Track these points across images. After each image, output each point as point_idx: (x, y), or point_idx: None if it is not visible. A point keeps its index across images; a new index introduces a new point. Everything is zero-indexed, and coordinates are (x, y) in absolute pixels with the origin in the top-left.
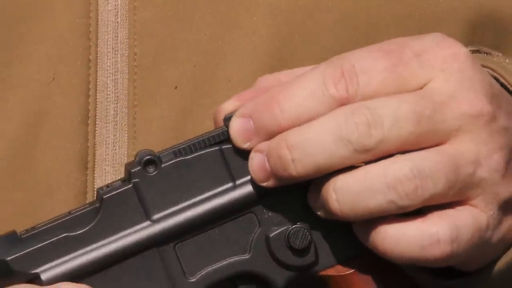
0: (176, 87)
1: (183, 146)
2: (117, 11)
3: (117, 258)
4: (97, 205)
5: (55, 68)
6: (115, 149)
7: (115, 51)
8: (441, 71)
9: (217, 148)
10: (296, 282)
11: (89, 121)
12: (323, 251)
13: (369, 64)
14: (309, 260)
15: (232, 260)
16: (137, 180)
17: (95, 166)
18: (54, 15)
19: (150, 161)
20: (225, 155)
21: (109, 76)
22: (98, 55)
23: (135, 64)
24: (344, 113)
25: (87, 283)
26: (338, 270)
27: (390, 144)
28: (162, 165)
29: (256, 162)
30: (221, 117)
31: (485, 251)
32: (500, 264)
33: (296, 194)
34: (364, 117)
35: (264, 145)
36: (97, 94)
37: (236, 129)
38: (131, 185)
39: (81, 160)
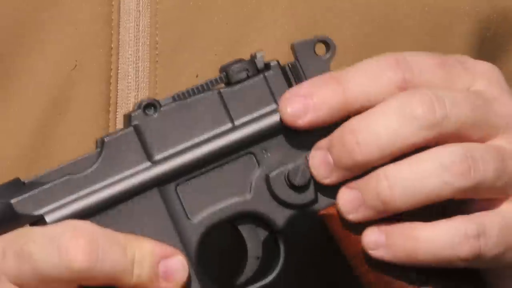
0: (197, 76)
1: (183, 92)
2: (139, 0)
3: (119, 198)
4: (98, 149)
5: (77, 55)
6: None
7: (136, 39)
8: (483, 79)
9: (216, 91)
10: (296, 222)
11: (110, 109)
12: (323, 190)
13: (419, 59)
14: (309, 197)
15: (233, 200)
16: (137, 122)
17: None
18: (76, 3)
19: (149, 104)
20: (223, 97)
21: (131, 64)
22: (119, 43)
23: (157, 52)
24: (407, 94)
25: None
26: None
27: (451, 124)
28: (162, 108)
29: (317, 158)
30: None
31: None
32: None
33: (295, 134)
34: (427, 96)
35: (324, 142)
36: (119, 82)
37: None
38: (131, 128)
39: None
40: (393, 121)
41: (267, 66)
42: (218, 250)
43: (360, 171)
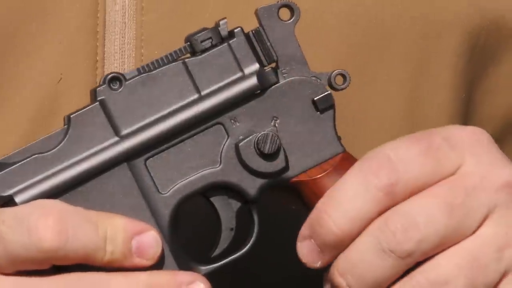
0: None
1: (147, 63)
2: (125, 12)
3: (89, 175)
4: (65, 126)
5: (62, 68)
6: None
7: (122, 51)
8: (472, 155)
9: (180, 61)
10: (268, 190)
11: None
12: (293, 157)
13: (403, 152)
14: (280, 165)
15: (203, 172)
16: (103, 97)
17: None
18: (62, 15)
19: (114, 78)
20: (189, 68)
21: None
22: (105, 55)
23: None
24: (379, 226)
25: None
26: (310, 175)
27: (431, 240)
28: (127, 82)
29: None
30: None
31: None
32: None
33: (263, 101)
34: (398, 224)
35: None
36: None
37: (304, 253)
38: (97, 103)
39: None
40: (374, 258)
41: (231, 34)
42: (192, 223)
43: (344, 246)
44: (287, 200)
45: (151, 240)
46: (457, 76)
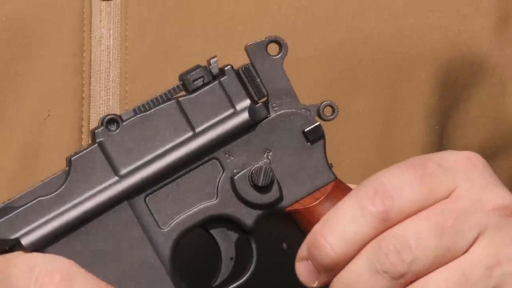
0: None
1: (142, 103)
2: (109, 51)
3: (91, 214)
4: (66, 168)
5: (50, 104)
6: None
7: (107, 89)
8: (465, 179)
9: (174, 101)
10: (265, 221)
11: None
12: (286, 187)
13: (398, 179)
14: (274, 196)
15: (201, 206)
16: (101, 139)
17: None
18: (49, 55)
19: (111, 120)
20: (183, 106)
21: (102, 113)
22: (91, 93)
23: (126, 101)
24: (372, 248)
25: (66, 242)
26: (304, 204)
27: (423, 261)
28: (124, 123)
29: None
30: None
31: None
32: None
33: (255, 135)
34: (391, 246)
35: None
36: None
37: (302, 273)
38: (96, 145)
39: None
40: (369, 279)
41: (221, 72)
42: (193, 254)
43: (340, 268)
44: (284, 229)
45: None
46: (430, 109)
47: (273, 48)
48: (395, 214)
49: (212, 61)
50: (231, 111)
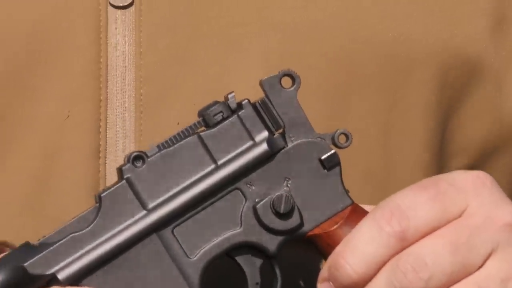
0: (178, 123)
1: (166, 140)
2: (125, 57)
3: (122, 248)
4: (96, 204)
5: (69, 107)
6: None
7: (123, 92)
8: (475, 198)
9: (196, 135)
10: (287, 246)
11: (100, 155)
12: (306, 213)
13: (412, 200)
14: (295, 223)
15: (226, 234)
16: (128, 175)
17: None
18: (68, 60)
19: (137, 157)
20: (204, 141)
21: (118, 115)
22: (108, 95)
23: (141, 103)
24: (391, 267)
25: (99, 275)
26: (324, 228)
27: (439, 278)
28: (149, 159)
29: None
30: None
31: None
32: None
33: (274, 164)
34: (408, 264)
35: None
36: (107, 130)
37: None
38: (124, 181)
39: (92, 191)
40: None
41: (239, 106)
42: (221, 281)
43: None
44: (306, 253)
45: None
46: (430, 110)
47: (286, 81)
48: (411, 234)
49: (229, 96)
50: (250, 143)
